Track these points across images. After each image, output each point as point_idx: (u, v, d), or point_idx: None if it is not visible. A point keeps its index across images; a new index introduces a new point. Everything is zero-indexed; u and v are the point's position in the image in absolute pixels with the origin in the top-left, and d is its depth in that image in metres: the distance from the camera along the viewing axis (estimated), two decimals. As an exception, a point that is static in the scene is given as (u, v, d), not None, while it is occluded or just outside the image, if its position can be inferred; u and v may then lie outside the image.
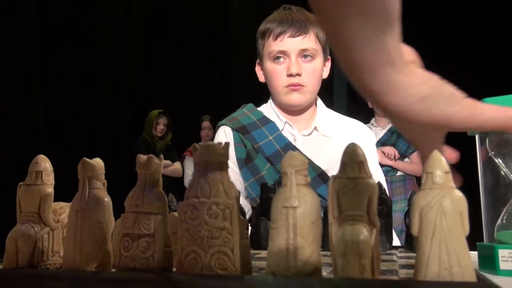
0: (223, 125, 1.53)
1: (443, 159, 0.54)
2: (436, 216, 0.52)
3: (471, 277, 0.51)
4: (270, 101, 1.57)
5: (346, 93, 4.42)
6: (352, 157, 0.56)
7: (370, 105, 3.69)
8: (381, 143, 3.53)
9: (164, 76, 4.86)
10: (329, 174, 1.38)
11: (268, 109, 1.56)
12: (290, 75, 1.43)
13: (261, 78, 1.55)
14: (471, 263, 0.52)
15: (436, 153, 0.54)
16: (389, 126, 3.61)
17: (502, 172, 0.79)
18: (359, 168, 0.56)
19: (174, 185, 4.24)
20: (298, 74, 1.42)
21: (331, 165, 1.40)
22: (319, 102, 1.56)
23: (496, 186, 0.82)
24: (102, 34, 4.68)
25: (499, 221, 0.80)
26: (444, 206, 0.52)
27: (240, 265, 0.59)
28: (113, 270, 0.66)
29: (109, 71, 4.70)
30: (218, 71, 4.99)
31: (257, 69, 1.57)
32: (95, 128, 4.48)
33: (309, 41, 1.44)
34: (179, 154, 4.46)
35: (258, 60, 1.55)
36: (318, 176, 1.37)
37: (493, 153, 0.79)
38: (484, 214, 0.82)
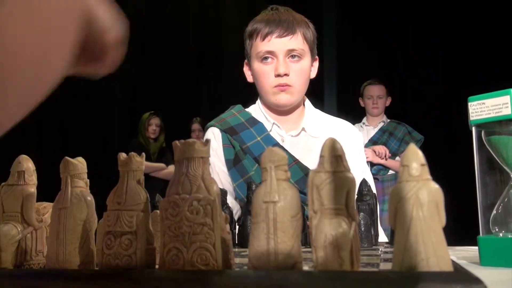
0: (211, 126, 1.54)
1: (419, 152, 0.54)
2: (412, 208, 0.53)
3: (448, 267, 0.52)
4: (258, 102, 1.57)
5: (336, 93, 4.44)
6: (330, 152, 0.57)
7: (362, 104, 3.71)
8: (372, 142, 3.54)
9: (155, 78, 4.85)
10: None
11: (256, 110, 1.57)
12: (278, 75, 1.44)
13: (249, 78, 1.56)
14: (447, 254, 0.53)
15: (412, 146, 0.55)
16: (380, 125, 3.63)
17: (497, 159, 0.79)
18: (337, 162, 0.56)
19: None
20: (286, 74, 1.43)
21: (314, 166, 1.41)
22: (307, 102, 1.57)
23: (491, 177, 0.83)
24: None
25: (494, 212, 0.80)
26: (420, 198, 0.53)
27: (222, 260, 0.59)
28: (96, 268, 0.66)
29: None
30: (209, 73, 5.00)
31: (245, 69, 1.57)
32: (85, 131, 4.47)
33: (296, 41, 1.45)
34: (173, 156, 4.45)
35: (246, 61, 1.56)
36: (306, 176, 1.37)
37: (486, 140, 0.80)
38: (480, 206, 0.82)
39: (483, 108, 0.77)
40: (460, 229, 1.60)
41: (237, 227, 1.10)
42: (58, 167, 0.67)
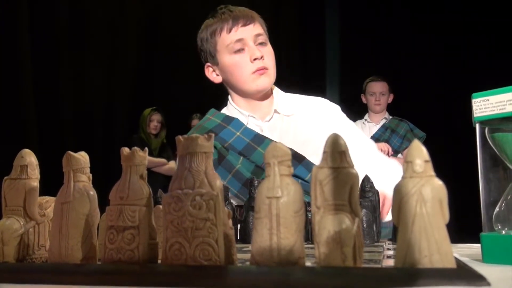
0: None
1: (423, 148, 0.54)
2: (416, 204, 0.53)
3: (451, 264, 0.52)
4: (229, 101, 1.61)
5: (338, 89, 4.43)
6: (334, 147, 0.57)
7: (364, 101, 3.71)
8: (374, 139, 3.54)
9: (156, 74, 4.85)
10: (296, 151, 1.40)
11: (229, 109, 1.60)
12: (255, 59, 1.47)
13: (217, 80, 1.59)
14: (451, 251, 0.52)
15: (416, 142, 0.55)
16: (382, 122, 3.63)
17: (499, 155, 0.79)
18: (340, 158, 0.56)
19: (169, 182, 4.23)
20: (262, 57, 1.47)
21: (298, 145, 1.42)
22: (276, 89, 1.61)
23: (494, 174, 0.82)
24: (95, 32, 4.67)
25: (497, 209, 0.80)
26: (424, 194, 0.53)
27: (224, 255, 0.59)
28: (99, 263, 0.66)
29: (101, 68, 4.69)
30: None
31: (209, 73, 1.60)
32: (87, 126, 4.48)
33: (259, 27, 1.52)
34: (173, 152, 4.46)
35: (207, 64, 1.58)
36: (293, 159, 1.38)
37: (489, 136, 0.79)
38: (482, 203, 0.82)
39: (487, 104, 0.77)
40: (463, 226, 1.60)
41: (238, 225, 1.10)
42: (61, 162, 0.66)
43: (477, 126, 0.81)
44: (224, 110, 1.61)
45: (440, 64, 4.35)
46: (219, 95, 1.68)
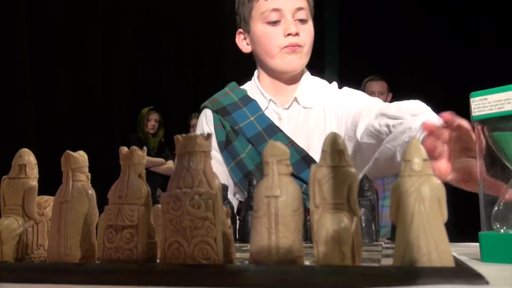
0: (204, 107, 1.46)
1: (422, 147, 0.54)
2: (414, 203, 0.53)
3: (450, 263, 0.52)
4: (254, 78, 1.47)
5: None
6: (332, 146, 0.57)
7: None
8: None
9: (155, 74, 4.85)
10: (308, 152, 1.30)
11: (252, 87, 1.46)
12: (289, 35, 1.33)
13: (245, 49, 1.45)
14: (449, 249, 0.53)
15: (414, 141, 0.55)
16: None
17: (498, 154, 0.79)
18: (339, 157, 0.56)
19: (167, 182, 4.23)
20: (297, 34, 1.33)
21: (310, 141, 1.33)
22: (306, 74, 1.46)
23: (493, 173, 0.82)
24: (94, 32, 4.68)
25: (495, 208, 0.80)
26: (422, 193, 0.53)
27: (223, 254, 0.59)
28: (98, 262, 0.66)
29: (100, 67, 4.69)
30: (208, 69, 4.98)
31: (239, 40, 1.46)
32: (86, 126, 4.48)
33: (303, 0, 1.37)
34: (171, 152, 4.46)
35: (239, 30, 1.45)
36: (301, 160, 1.28)
37: (488, 135, 0.79)
38: (481, 202, 0.82)
39: (485, 104, 0.77)
40: (461, 225, 1.60)
41: (237, 222, 1.09)
42: (60, 161, 0.66)
43: (476, 125, 0.81)
44: (246, 86, 1.48)
45: (439, 63, 4.36)
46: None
